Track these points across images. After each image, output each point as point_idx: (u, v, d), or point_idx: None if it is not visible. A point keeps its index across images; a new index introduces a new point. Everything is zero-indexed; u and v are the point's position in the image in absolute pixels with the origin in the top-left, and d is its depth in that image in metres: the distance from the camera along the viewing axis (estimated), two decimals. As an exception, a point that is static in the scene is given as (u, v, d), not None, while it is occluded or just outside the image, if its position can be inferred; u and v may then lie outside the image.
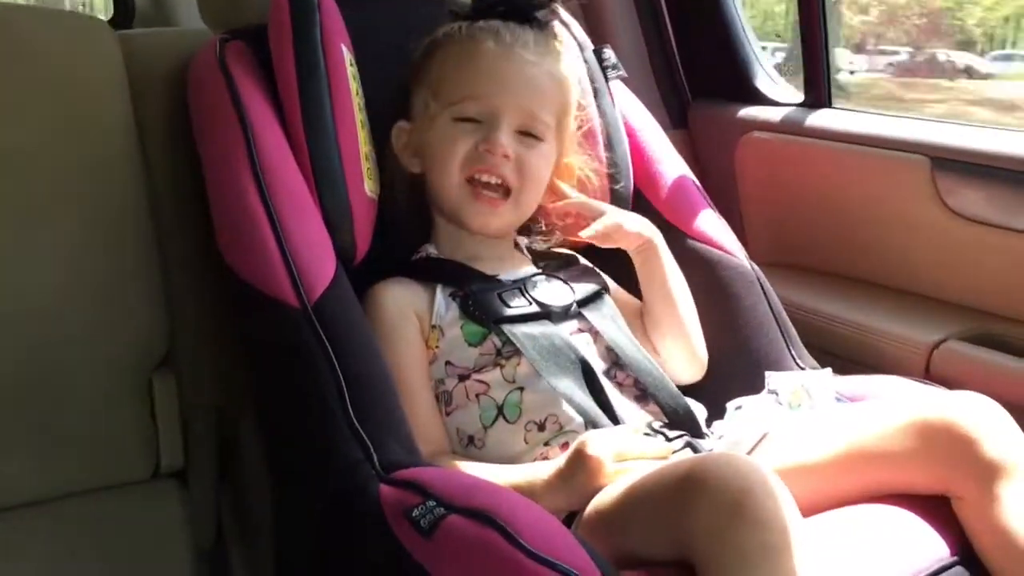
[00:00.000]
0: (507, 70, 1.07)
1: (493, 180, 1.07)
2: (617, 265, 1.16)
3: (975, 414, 0.93)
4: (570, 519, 0.92)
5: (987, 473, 0.90)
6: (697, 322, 1.15)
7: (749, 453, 1.00)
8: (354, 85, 1.09)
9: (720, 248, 1.22)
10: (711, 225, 1.24)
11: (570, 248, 1.19)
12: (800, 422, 1.02)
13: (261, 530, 1.09)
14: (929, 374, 1.23)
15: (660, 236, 1.15)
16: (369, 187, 1.08)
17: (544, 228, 1.18)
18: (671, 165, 1.28)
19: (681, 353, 1.14)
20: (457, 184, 1.08)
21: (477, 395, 1.03)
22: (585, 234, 1.12)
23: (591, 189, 1.18)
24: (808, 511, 0.91)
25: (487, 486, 0.86)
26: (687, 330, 1.14)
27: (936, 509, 0.92)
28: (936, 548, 0.90)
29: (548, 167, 1.11)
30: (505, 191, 1.08)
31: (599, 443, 0.93)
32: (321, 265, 0.98)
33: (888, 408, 0.98)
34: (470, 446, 1.03)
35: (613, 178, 1.22)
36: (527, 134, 1.08)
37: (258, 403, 0.99)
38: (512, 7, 1.11)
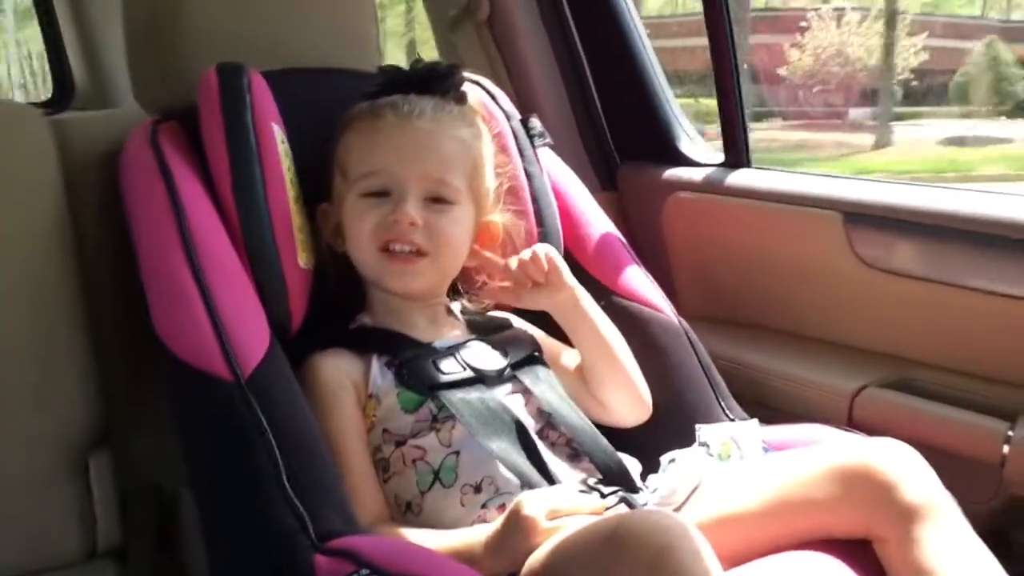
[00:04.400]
0: (405, 140, 1.09)
1: (406, 248, 1.09)
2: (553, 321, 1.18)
3: (892, 460, 0.96)
4: (508, 579, 0.93)
5: (906, 516, 0.93)
6: (635, 365, 1.17)
7: (682, 505, 1.02)
8: (286, 162, 1.11)
9: (648, 304, 1.26)
10: (638, 282, 1.28)
11: (501, 310, 1.22)
12: (729, 473, 1.05)
13: (201, 607, 1.09)
14: (852, 420, 1.27)
15: (581, 289, 1.16)
16: (303, 259, 1.10)
17: (472, 290, 1.20)
18: (598, 226, 1.32)
19: (627, 400, 1.16)
20: (372, 255, 1.10)
21: (414, 460, 1.05)
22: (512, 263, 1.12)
23: (520, 246, 1.19)
24: (738, 560, 0.94)
25: (422, 553, 0.87)
26: (629, 377, 1.16)
27: (860, 552, 0.95)
28: (860, 591, 0.93)
29: (463, 228, 1.13)
30: (420, 253, 1.09)
31: (533, 503, 0.94)
32: (254, 339, 0.99)
33: (810, 456, 1.02)
34: (408, 512, 1.04)
35: (543, 241, 1.25)
36: (436, 199, 1.10)
37: (194, 479, 0.99)
38: (414, 83, 1.14)
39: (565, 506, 0.96)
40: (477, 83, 1.32)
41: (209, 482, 0.97)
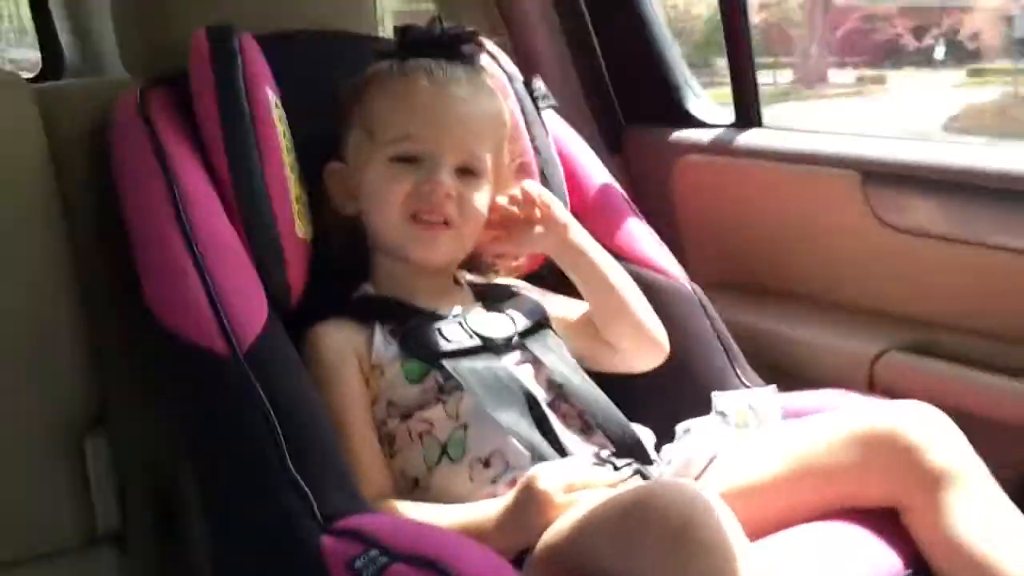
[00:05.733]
0: (443, 109, 1.06)
1: (436, 219, 1.06)
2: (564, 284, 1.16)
3: (919, 422, 0.93)
4: (521, 556, 0.90)
5: (933, 482, 0.90)
6: (646, 306, 1.14)
7: (698, 476, 0.99)
8: (281, 128, 1.07)
9: (659, 270, 1.22)
10: (649, 248, 1.24)
11: (510, 277, 1.19)
12: (748, 442, 1.02)
13: (204, 590, 1.06)
14: (873, 386, 1.24)
15: (579, 227, 1.13)
16: (301, 229, 1.07)
17: (482, 263, 1.17)
18: (606, 190, 1.28)
19: (638, 341, 1.13)
20: (399, 223, 1.06)
21: (420, 435, 1.01)
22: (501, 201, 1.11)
23: None
24: (758, 532, 0.91)
25: (431, 531, 0.84)
26: (638, 317, 1.13)
27: (886, 522, 0.92)
28: (888, 562, 0.90)
29: (487, 202, 1.10)
30: (446, 224, 1.06)
31: (548, 476, 0.91)
32: (252, 312, 0.96)
33: (832, 421, 0.99)
34: (416, 489, 1.00)
35: None
36: (466, 171, 1.07)
37: (194, 458, 0.96)
38: (438, 44, 1.10)
39: (579, 479, 0.93)
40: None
41: (209, 463, 0.94)
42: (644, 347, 1.14)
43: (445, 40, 1.10)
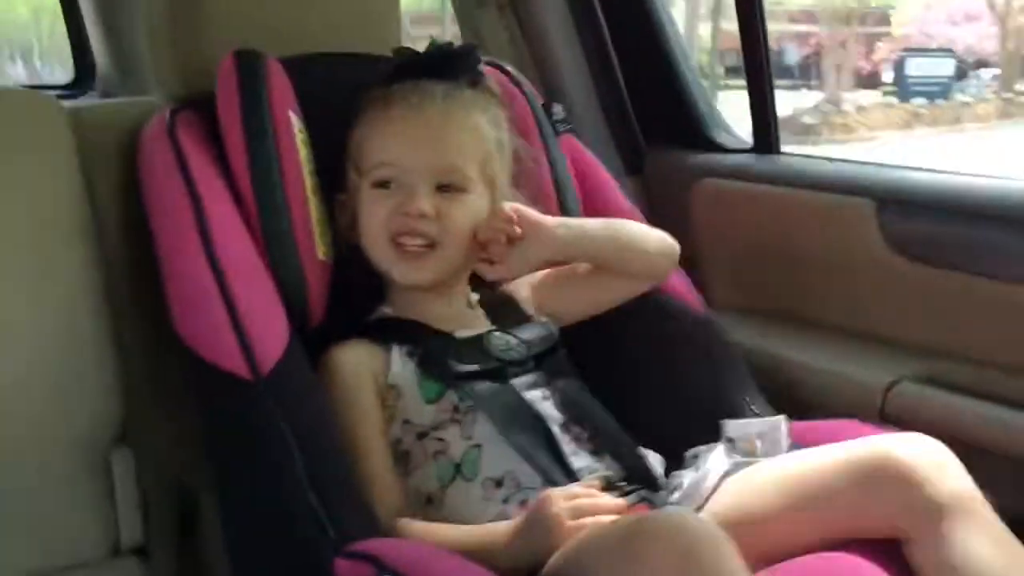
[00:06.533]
0: (414, 130, 1.08)
1: (417, 242, 1.07)
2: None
3: (918, 454, 0.94)
4: (531, 578, 0.92)
5: (933, 513, 0.91)
6: (643, 228, 1.19)
7: (704, 503, 1.01)
8: (303, 151, 1.10)
9: (674, 294, 1.23)
10: (665, 271, 1.25)
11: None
12: (753, 471, 1.03)
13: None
14: (884, 415, 1.24)
15: (555, 219, 1.15)
16: (322, 252, 1.09)
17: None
18: (623, 214, 1.29)
19: (650, 265, 1.19)
20: (382, 246, 1.08)
21: (435, 453, 1.04)
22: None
23: None
24: (763, 560, 0.92)
25: (442, 556, 0.86)
26: (644, 248, 1.18)
27: (889, 553, 0.93)
28: (889, 593, 0.91)
29: (474, 216, 1.10)
30: (430, 245, 1.08)
31: (557, 501, 0.93)
32: (274, 335, 0.98)
33: (832, 452, 0.99)
34: (428, 506, 1.03)
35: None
36: (448, 188, 1.08)
37: (215, 477, 0.99)
38: (426, 68, 1.11)
39: (588, 504, 0.95)
40: (499, 67, 1.30)
41: (231, 481, 0.97)
42: (657, 264, 1.20)
43: (431, 60, 1.12)
